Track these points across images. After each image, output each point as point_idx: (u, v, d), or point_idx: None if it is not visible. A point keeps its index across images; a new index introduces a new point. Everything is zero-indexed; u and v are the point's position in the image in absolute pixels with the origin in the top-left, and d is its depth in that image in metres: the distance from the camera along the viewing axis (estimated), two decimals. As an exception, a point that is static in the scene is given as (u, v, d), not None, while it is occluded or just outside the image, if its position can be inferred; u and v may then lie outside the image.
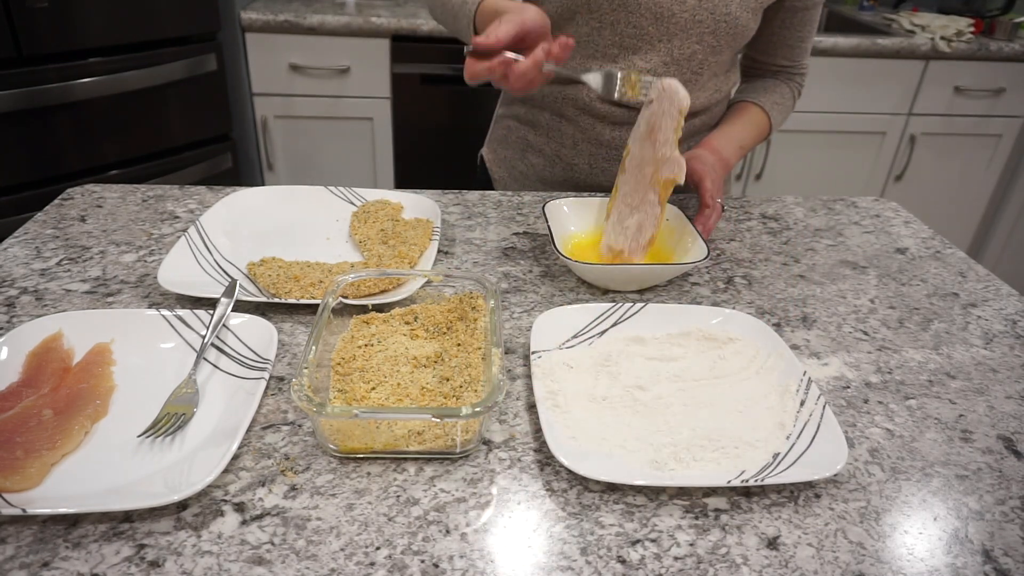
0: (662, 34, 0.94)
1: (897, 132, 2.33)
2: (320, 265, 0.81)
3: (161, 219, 0.94)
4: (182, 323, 0.69)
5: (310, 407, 0.53)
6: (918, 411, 0.67)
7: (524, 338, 0.73)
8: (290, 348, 0.70)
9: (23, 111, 1.68)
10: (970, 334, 0.79)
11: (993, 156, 2.41)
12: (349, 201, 0.96)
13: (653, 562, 0.50)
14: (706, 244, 0.82)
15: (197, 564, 0.48)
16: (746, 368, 0.68)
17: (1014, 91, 2.30)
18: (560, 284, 0.83)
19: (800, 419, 0.61)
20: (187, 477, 0.52)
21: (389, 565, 0.49)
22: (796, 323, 0.79)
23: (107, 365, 0.65)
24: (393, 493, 0.54)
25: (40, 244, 0.86)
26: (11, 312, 0.73)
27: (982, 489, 0.58)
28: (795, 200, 1.11)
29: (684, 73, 0.98)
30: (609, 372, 0.67)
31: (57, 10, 1.66)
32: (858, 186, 2.43)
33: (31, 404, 0.58)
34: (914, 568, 0.51)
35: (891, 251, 0.97)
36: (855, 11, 2.59)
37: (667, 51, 0.96)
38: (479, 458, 0.58)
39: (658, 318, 0.73)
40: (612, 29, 0.95)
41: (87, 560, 0.48)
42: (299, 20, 2.06)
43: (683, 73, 0.98)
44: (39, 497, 0.51)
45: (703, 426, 0.61)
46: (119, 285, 0.78)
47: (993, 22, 2.32)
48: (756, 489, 0.56)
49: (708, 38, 0.95)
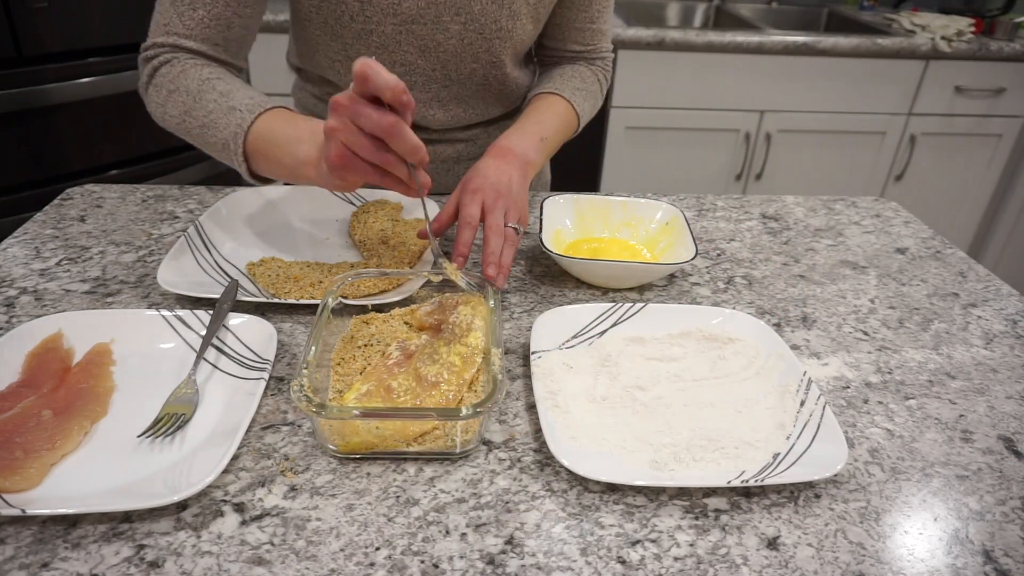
0: (433, 65, 0.90)
1: (897, 132, 2.33)
2: (320, 265, 0.81)
3: (161, 219, 0.94)
4: (182, 323, 0.69)
5: (310, 408, 0.53)
6: (918, 411, 0.67)
7: (524, 338, 0.73)
8: (290, 348, 0.70)
9: (23, 111, 1.68)
10: (970, 334, 0.79)
11: (993, 156, 2.41)
12: (349, 201, 0.96)
13: (653, 562, 0.50)
14: (695, 244, 0.82)
15: (197, 564, 0.48)
16: (746, 368, 0.68)
17: (1014, 91, 2.29)
18: (560, 284, 0.83)
19: (800, 419, 0.61)
20: (187, 477, 0.52)
21: (389, 565, 0.49)
22: (796, 323, 0.79)
23: (107, 365, 0.65)
24: (393, 493, 0.54)
25: (40, 244, 0.86)
26: (11, 312, 0.73)
27: (982, 489, 0.58)
28: (795, 200, 1.11)
29: (468, 88, 0.94)
30: (609, 372, 0.67)
31: (57, 10, 1.66)
32: (858, 186, 2.43)
33: (31, 404, 0.58)
34: (914, 568, 0.51)
35: (891, 251, 0.97)
36: (855, 11, 2.59)
37: (443, 76, 0.91)
38: (479, 458, 0.58)
39: (658, 318, 0.73)
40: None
41: (87, 560, 0.48)
42: (299, 20, 2.06)
43: (467, 89, 0.94)
44: (39, 497, 0.51)
45: (703, 426, 0.61)
46: (119, 285, 0.78)
47: (993, 22, 2.31)
48: (756, 489, 0.56)
49: (484, 56, 0.90)
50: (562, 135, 0.93)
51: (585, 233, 0.92)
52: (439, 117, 0.97)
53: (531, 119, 0.90)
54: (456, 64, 0.90)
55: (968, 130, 2.35)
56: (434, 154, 1.02)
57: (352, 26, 0.85)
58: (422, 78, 0.92)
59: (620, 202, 0.93)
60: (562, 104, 0.93)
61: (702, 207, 1.07)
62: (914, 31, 2.27)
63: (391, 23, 0.85)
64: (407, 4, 0.83)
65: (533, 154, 0.85)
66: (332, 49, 0.88)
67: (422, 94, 0.93)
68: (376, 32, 0.85)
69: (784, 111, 2.25)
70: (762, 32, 2.18)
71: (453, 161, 1.03)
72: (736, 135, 2.28)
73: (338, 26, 0.85)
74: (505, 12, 0.86)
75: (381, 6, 0.83)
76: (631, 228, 0.92)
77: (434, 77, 0.91)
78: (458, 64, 0.90)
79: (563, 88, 0.94)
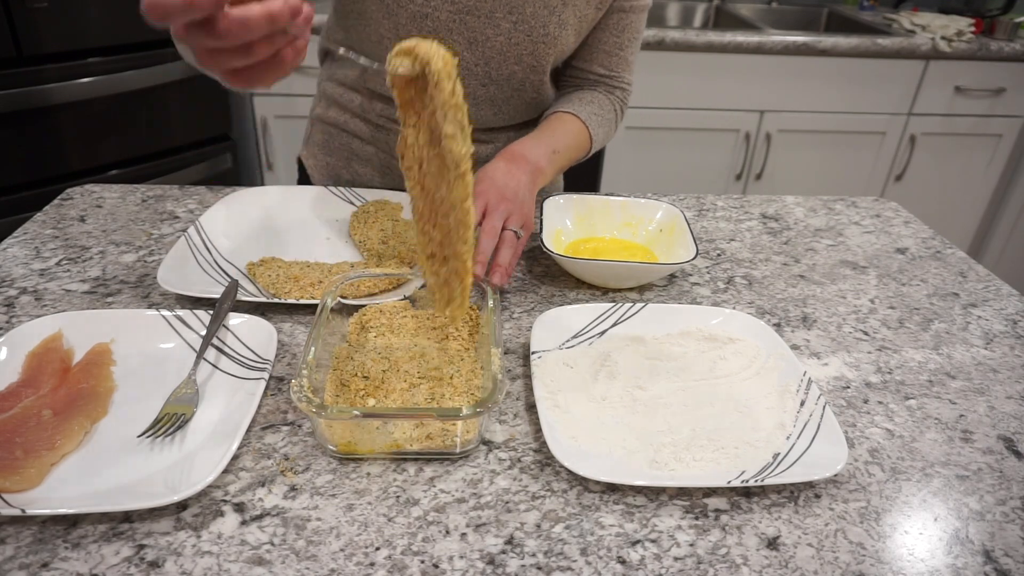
0: (478, 59, 0.90)
1: (897, 132, 2.33)
2: (320, 265, 0.81)
3: (161, 219, 0.94)
4: (182, 323, 0.69)
5: (310, 408, 0.53)
6: (918, 411, 0.66)
7: (524, 338, 0.73)
8: (290, 348, 0.70)
9: (23, 111, 1.68)
10: (970, 334, 0.79)
11: (993, 156, 2.41)
12: (349, 201, 0.96)
13: (653, 562, 0.50)
14: (695, 244, 0.82)
15: (197, 564, 0.48)
16: (746, 368, 0.68)
17: (1014, 91, 2.29)
18: (560, 284, 0.83)
19: (800, 419, 0.61)
20: (187, 477, 0.52)
21: (389, 565, 0.49)
22: (796, 323, 0.79)
23: (107, 365, 0.65)
24: (393, 493, 0.54)
25: (40, 244, 0.86)
26: (11, 312, 0.73)
27: (982, 489, 0.58)
28: (795, 200, 1.11)
29: (504, 91, 0.95)
30: (609, 372, 0.67)
31: (57, 10, 1.66)
32: (858, 186, 2.43)
33: (31, 404, 0.58)
34: (914, 568, 0.51)
35: (891, 251, 0.97)
36: (855, 11, 2.59)
37: (484, 74, 0.92)
38: (479, 458, 0.58)
39: (658, 318, 0.73)
40: None
41: (87, 560, 0.48)
42: (299, 20, 2.06)
43: (503, 91, 0.95)
44: (39, 497, 0.51)
45: (703, 426, 0.61)
46: (119, 285, 0.78)
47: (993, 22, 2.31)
48: (756, 489, 0.56)
49: (527, 58, 0.91)
50: (573, 153, 0.93)
51: (585, 233, 0.92)
52: (469, 115, 0.97)
53: (546, 132, 0.91)
54: (499, 62, 0.91)
55: (968, 130, 2.35)
56: None
57: (410, 7, 0.85)
58: (464, 72, 0.92)
59: (620, 202, 0.93)
60: (578, 124, 0.94)
61: (702, 207, 1.07)
62: (914, 31, 2.27)
63: (447, 9, 0.85)
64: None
65: (544, 163, 0.86)
66: (384, 27, 0.88)
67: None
68: (432, 17, 0.86)
69: (784, 111, 2.25)
70: (762, 32, 2.18)
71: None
72: (736, 135, 2.28)
73: (396, 5, 0.85)
74: (555, 19, 0.88)
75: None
76: (631, 228, 0.92)
77: (475, 73, 0.92)
78: (501, 63, 0.91)
79: (581, 111, 0.95)
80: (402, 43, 0.55)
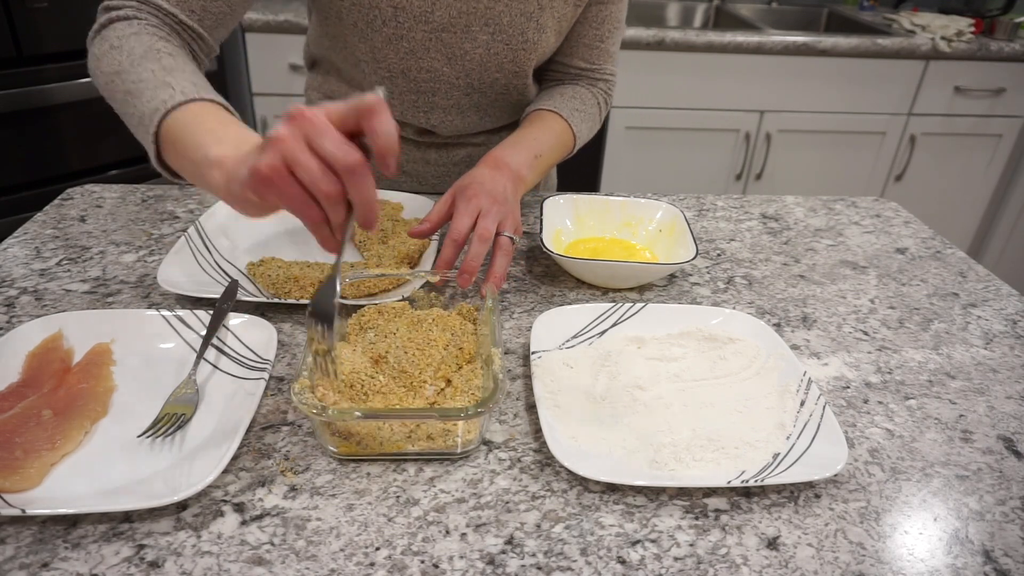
0: (459, 73, 0.90)
1: (897, 132, 2.33)
2: (320, 265, 0.81)
3: (161, 219, 0.94)
4: (182, 323, 0.69)
5: (310, 409, 0.53)
6: (918, 411, 0.67)
7: (524, 338, 0.73)
8: (290, 348, 0.70)
9: (23, 111, 1.68)
10: (970, 334, 0.79)
11: (993, 156, 2.41)
12: (349, 201, 0.96)
13: (653, 562, 0.50)
14: (695, 244, 0.82)
15: (197, 564, 0.48)
16: (746, 368, 0.68)
17: (1014, 91, 2.29)
18: (560, 284, 0.83)
19: (800, 419, 0.61)
20: (187, 477, 0.52)
21: (389, 565, 0.49)
22: (796, 323, 0.79)
23: (107, 365, 0.65)
24: (393, 494, 0.54)
25: (40, 244, 0.86)
26: (11, 312, 0.73)
27: (982, 489, 0.58)
28: (795, 200, 1.11)
29: (488, 97, 0.94)
30: (609, 372, 0.67)
31: (57, 10, 1.66)
32: (858, 186, 2.43)
33: (31, 404, 0.58)
34: (914, 568, 0.51)
35: (891, 251, 0.97)
36: (855, 11, 2.59)
37: (467, 84, 0.91)
38: (479, 458, 0.58)
39: (658, 318, 0.73)
40: (404, 77, 0.90)
41: (87, 560, 0.48)
42: (299, 20, 2.06)
43: (487, 97, 0.94)
44: (39, 497, 0.51)
45: (703, 426, 0.61)
46: (119, 285, 0.78)
47: (993, 22, 2.31)
48: (756, 489, 0.56)
49: (508, 66, 0.90)
50: (557, 154, 0.92)
51: (585, 233, 0.92)
52: (456, 124, 0.97)
53: (528, 135, 0.88)
54: (480, 73, 0.91)
55: (968, 130, 2.35)
56: (446, 156, 1.03)
57: (384, 30, 0.85)
58: (445, 85, 0.92)
59: (620, 202, 0.93)
60: (560, 123, 0.92)
61: (702, 207, 1.07)
62: (914, 31, 2.27)
63: (422, 30, 0.85)
64: (439, 12, 0.84)
65: (526, 171, 0.84)
66: (360, 50, 0.88)
67: (444, 101, 0.94)
68: (407, 38, 0.85)
69: (784, 111, 2.25)
70: (762, 32, 2.18)
71: (465, 164, 1.04)
72: (736, 135, 2.28)
73: (369, 30, 0.85)
74: (533, 25, 0.87)
75: (414, 13, 0.83)
76: (631, 228, 0.92)
77: (457, 85, 0.92)
78: (482, 73, 0.91)
79: (562, 107, 0.93)
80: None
